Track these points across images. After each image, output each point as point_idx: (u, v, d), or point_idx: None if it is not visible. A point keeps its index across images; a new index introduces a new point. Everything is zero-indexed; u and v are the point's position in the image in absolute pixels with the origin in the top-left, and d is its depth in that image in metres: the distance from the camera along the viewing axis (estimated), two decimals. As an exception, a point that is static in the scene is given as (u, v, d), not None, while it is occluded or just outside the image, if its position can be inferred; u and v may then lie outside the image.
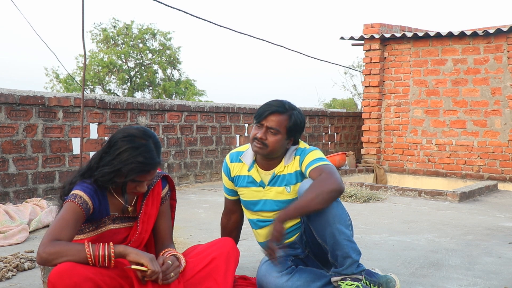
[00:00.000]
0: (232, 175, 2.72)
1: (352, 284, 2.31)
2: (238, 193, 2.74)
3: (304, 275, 2.44)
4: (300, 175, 2.58)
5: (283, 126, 2.51)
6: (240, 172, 2.70)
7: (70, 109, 5.62)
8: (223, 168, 2.77)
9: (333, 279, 2.36)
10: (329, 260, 2.44)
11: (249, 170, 2.66)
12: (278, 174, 2.60)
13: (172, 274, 2.04)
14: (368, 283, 2.50)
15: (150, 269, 1.95)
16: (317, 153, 2.55)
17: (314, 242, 2.51)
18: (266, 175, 2.63)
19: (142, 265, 1.96)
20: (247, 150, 2.70)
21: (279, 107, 2.52)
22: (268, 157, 2.60)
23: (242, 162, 2.69)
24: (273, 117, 2.51)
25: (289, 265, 2.50)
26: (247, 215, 2.78)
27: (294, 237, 2.64)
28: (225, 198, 2.85)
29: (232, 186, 2.76)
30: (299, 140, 2.65)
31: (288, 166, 2.60)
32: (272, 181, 2.61)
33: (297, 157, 2.59)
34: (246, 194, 2.68)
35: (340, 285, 2.33)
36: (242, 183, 2.68)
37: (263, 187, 2.63)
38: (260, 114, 2.53)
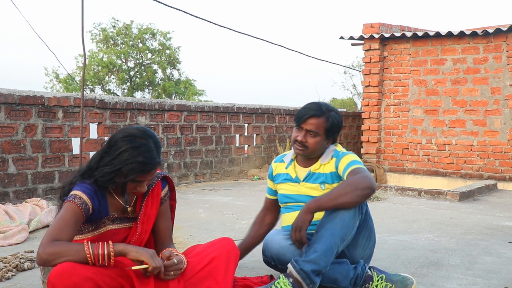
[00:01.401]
0: (274, 174, 2.91)
1: (285, 284, 2.34)
2: (278, 191, 2.87)
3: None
4: (336, 177, 2.70)
5: (322, 128, 2.67)
6: (280, 170, 2.88)
7: (69, 109, 5.62)
8: (269, 168, 2.97)
9: (289, 266, 2.40)
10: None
11: (286, 167, 2.84)
12: (314, 171, 2.74)
13: (172, 273, 2.05)
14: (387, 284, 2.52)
15: (151, 266, 1.95)
16: (352, 156, 2.69)
17: None
18: (302, 171, 2.78)
19: (142, 262, 1.96)
20: (290, 152, 2.88)
21: (317, 111, 2.68)
22: (308, 157, 2.77)
23: (284, 162, 2.88)
24: (311, 121, 2.67)
25: None
26: (283, 207, 2.88)
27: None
28: (266, 196, 3.02)
29: (273, 185, 2.93)
30: (337, 142, 2.82)
31: (324, 165, 2.73)
32: (307, 178, 2.75)
33: (333, 159, 2.72)
34: (284, 189, 2.82)
35: (280, 277, 2.38)
36: (280, 179, 2.85)
37: (298, 183, 2.77)
38: (300, 118, 2.70)
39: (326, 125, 2.68)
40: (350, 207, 2.43)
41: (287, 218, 2.80)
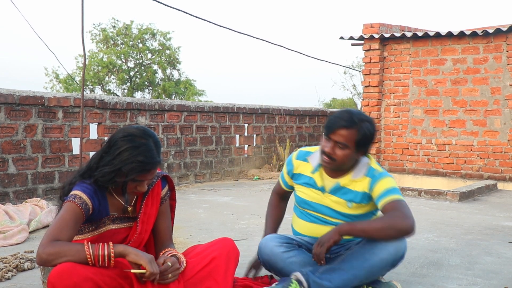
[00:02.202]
0: (294, 172, 2.72)
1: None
2: (296, 189, 2.74)
3: (303, 255, 2.51)
4: (367, 198, 2.54)
5: (352, 140, 2.45)
6: (303, 171, 2.68)
7: (69, 109, 5.62)
8: (288, 160, 2.76)
9: (298, 274, 2.39)
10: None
11: (313, 172, 2.63)
12: (343, 186, 2.56)
13: (169, 275, 2.04)
14: None
15: (148, 271, 1.95)
16: (389, 181, 2.50)
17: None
18: (330, 182, 2.60)
19: (140, 265, 1.96)
20: (316, 152, 2.66)
21: (348, 122, 2.45)
22: (337, 169, 2.57)
23: (308, 162, 2.67)
24: (341, 132, 2.45)
25: (293, 242, 2.57)
26: (299, 208, 2.75)
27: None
28: (278, 182, 2.87)
29: (290, 182, 2.77)
30: (369, 155, 2.62)
31: (356, 182, 2.55)
32: (334, 190, 2.58)
33: (367, 179, 2.53)
34: (304, 193, 2.67)
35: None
36: (303, 181, 2.67)
37: (323, 192, 2.60)
38: (329, 128, 2.48)
39: (357, 137, 2.45)
40: (381, 241, 2.39)
41: (302, 226, 2.70)
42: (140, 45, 24.68)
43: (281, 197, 2.91)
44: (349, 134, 2.44)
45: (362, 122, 2.47)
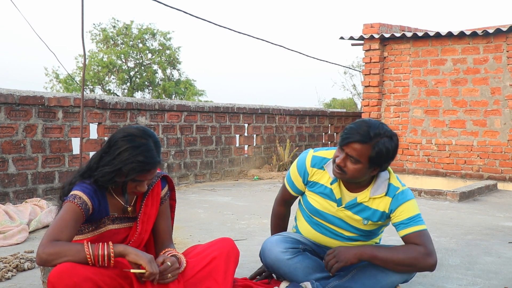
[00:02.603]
0: (310, 179, 2.56)
1: None
2: (308, 196, 2.59)
3: (307, 261, 2.48)
4: (385, 218, 2.46)
5: (365, 156, 2.31)
6: (320, 179, 2.53)
7: (69, 109, 5.62)
8: (299, 166, 2.57)
9: (307, 284, 2.39)
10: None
11: (331, 183, 2.49)
12: (360, 202, 2.46)
13: (169, 275, 2.04)
14: None
15: (148, 271, 1.95)
16: (413, 207, 2.41)
17: None
18: (347, 196, 2.48)
19: (140, 265, 1.96)
20: (331, 160, 2.50)
21: (363, 136, 2.29)
22: (351, 182, 2.46)
23: (325, 170, 2.52)
24: (355, 145, 2.30)
25: (298, 247, 2.52)
26: (309, 214, 2.65)
27: None
28: (285, 188, 2.68)
29: (302, 187, 2.61)
30: (389, 169, 2.51)
31: (374, 199, 2.44)
32: (350, 205, 2.47)
33: (388, 199, 2.43)
34: (318, 202, 2.54)
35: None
36: (318, 190, 2.53)
37: (338, 206, 2.49)
38: (343, 139, 2.34)
39: (370, 154, 2.30)
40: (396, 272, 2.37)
41: (311, 234, 2.63)
42: (140, 45, 24.68)
43: (286, 204, 2.77)
44: (363, 149, 2.30)
45: (379, 137, 2.30)
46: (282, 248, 2.47)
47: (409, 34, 8.32)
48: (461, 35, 7.91)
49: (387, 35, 8.50)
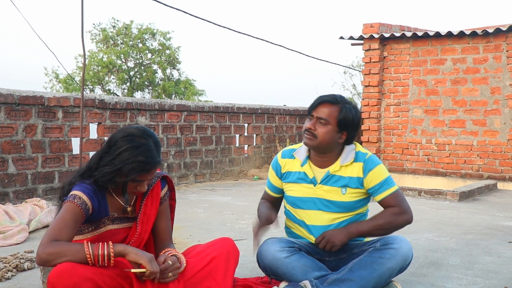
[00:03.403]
0: (283, 171, 2.67)
1: None
2: (286, 189, 2.67)
3: (304, 259, 2.48)
4: (362, 183, 2.54)
5: (333, 117, 2.46)
6: (292, 168, 2.64)
7: (69, 109, 5.62)
8: (273, 164, 2.71)
9: (306, 283, 2.39)
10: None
11: (302, 165, 2.60)
12: (333, 173, 2.54)
13: (170, 274, 2.04)
14: None
15: (148, 270, 1.95)
16: (382, 171, 2.54)
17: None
18: (320, 173, 2.57)
19: (140, 264, 1.96)
20: (300, 147, 2.65)
21: (331, 98, 2.49)
22: (320, 152, 2.55)
23: (295, 158, 2.63)
24: (323, 108, 2.48)
25: (294, 246, 2.53)
26: (292, 216, 2.69)
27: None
28: (267, 193, 2.81)
29: (279, 184, 2.71)
30: (354, 141, 2.60)
31: (346, 167, 2.54)
32: (325, 180, 2.55)
33: (359, 164, 2.53)
34: (296, 190, 2.61)
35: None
36: (292, 178, 2.62)
37: (314, 185, 2.57)
38: (311, 105, 2.51)
39: (338, 115, 2.46)
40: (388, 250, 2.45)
41: (302, 230, 2.65)
42: (140, 45, 24.67)
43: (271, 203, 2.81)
44: (331, 110, 2.47)
45: (345, 102, 2.51)
46: (278, 247, 2.48)
47: (409, 34, 8.32)
48: (461, 35, 7.91)
49: (387, 35, 8.49)
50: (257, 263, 2.60)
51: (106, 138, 5.89)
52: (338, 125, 2.47)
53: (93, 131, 6.03)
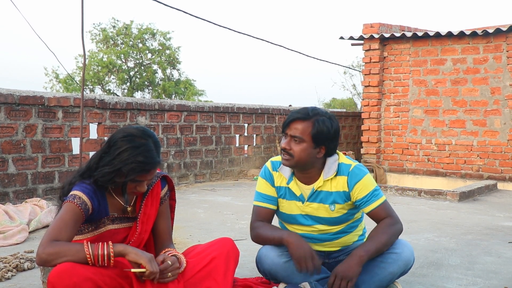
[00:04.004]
0: (276, 185, 2.56)
1: None
2: (279, 206, 2.58)
3: None
4: (348, 197, 2.47)
5: (307, 133, 2.36)
6: (281, 183, 2.55)
7: (69, 109, 5.62)
8: (265, 174, 2.58)
9: (305, 285, 2.39)
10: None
11: (288, 183, 2.52)
12: (319, 189, 2.47)
13: (169, 274, 2.04)
14: None
15: (148, 270, 1.95)
16: (369, 182, 2.45)
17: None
18: (306, 189, 2.50)
19: (140, 264, 1.96)
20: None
21: (301, 114, 2.38)
22: (300, 169, 2.46)
23: (280, 172, 2.54)
24: (295, 125, 2.37)
25: None
26: (285, 228, 2.64)
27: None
28: (259, 208, 2.57)
29: (274, 193, 2.57)
30: (337, 151, 2.50)
31: (329, 181, 2.46)
32: (312, 197, 2.49)
33: (343, 178, 2.45)
34: (286, 206, 2.55)
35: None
36: (283, 195, 2.54)
37: (303, 202, 2.50)
38: (284, 123, 2.42)
39: (312, 131, 2.35)
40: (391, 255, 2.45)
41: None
42: (140, 45, 24.68)
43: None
44: (304, 127, 2.36)
45: (318, 116, 2.38)
46: (277, 252, 2.45)
47: (409, 34, 8.32)
48: (461, 35, 7.91)
49: (387, 35, 8.50)
50: (257, 268, 2.58)
51: (106, 138, 5.89)
52: (313, 141, 2.37)
53: (93, 131, 6.03)
